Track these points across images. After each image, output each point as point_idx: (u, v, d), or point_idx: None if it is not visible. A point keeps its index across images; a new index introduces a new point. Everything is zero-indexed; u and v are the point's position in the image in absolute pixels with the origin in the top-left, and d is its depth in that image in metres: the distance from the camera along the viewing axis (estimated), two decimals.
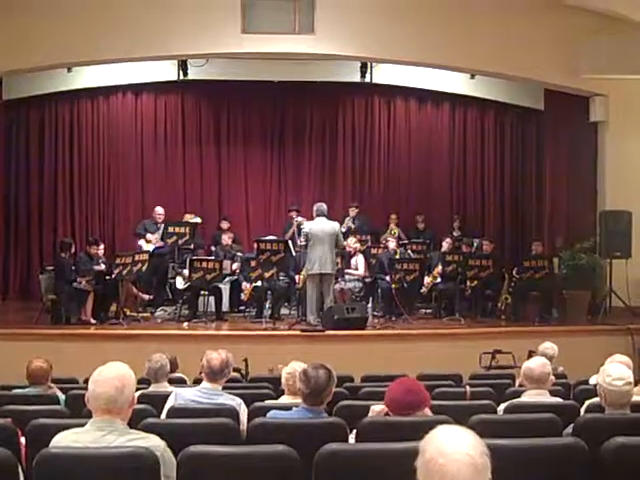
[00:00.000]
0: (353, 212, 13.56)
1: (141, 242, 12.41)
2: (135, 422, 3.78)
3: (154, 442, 3.43)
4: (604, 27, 11.91)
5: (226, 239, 12.47)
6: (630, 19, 11.53)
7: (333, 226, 10.71)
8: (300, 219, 12.55)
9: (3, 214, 13.49)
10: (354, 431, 4.27)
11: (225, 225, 13.27)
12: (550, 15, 12.02)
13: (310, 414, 4.30)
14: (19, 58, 11.41)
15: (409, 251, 12.67)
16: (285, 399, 5.21)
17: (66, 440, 3.41)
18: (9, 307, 12.87)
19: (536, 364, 5.08)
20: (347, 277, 11.90)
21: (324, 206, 10.97)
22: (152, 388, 5.80)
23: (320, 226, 10.65)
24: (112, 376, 3.40)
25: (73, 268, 11.11)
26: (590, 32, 11.92)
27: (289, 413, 4.41)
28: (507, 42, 11.99)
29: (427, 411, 4.21)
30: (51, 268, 11.69)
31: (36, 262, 13.60)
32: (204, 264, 11.20)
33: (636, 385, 4.79)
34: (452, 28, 11.87)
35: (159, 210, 12.80)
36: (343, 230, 12.64)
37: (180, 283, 11.75)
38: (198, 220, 12.94)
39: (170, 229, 12.02)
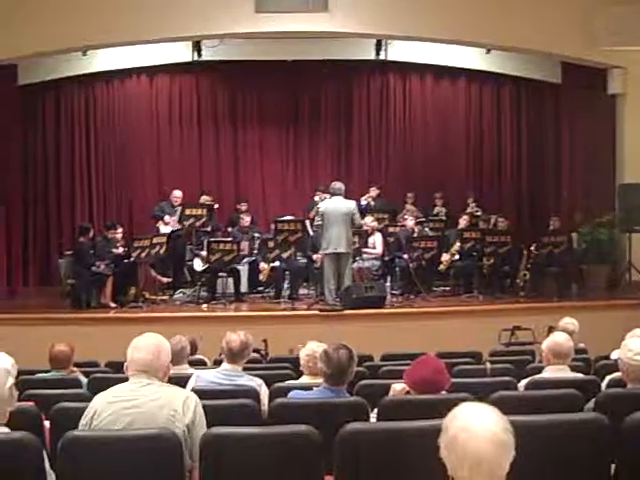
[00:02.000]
0: (374, 192, 13.51)
1: (159, 224, 12.43)
2: None
3: (189, 394, 3.68)
4: None
5: (245, 219, 12.50)
6: None
7: (348, 205, 10.62)
8: (317, 198, 12.51)
9: (21, 199, 13.55)
10: (375, 410, 4.28)
11: (244, 207, 13.30)
12: None
13: (332, 394, 4.31)
14: (33, 42, 11.41)
15: (427, 229, 12.63)
16: (305, 379, 5.22)
17: (106, 395, 3.59)
18: (29, 292, 12.97)
19: (563, 339, 5.06)
20: (365, 256, 11.88)
21: (339, 184, 10.85)
22: (172, 370, 5.77)
23: (335, 205, 10.58)
24: (149, 343, 3.67)
25: (92, 252, 11.19)
26: (607, 3, 11.75)
27: (311, 393, 4.42)
28: (522, 15, 11.84)
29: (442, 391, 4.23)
30: (70, 253, 11.76)
31: (55, 247, 13.67)
32: (222, 246, 11.23)
33: None
34: (466, 3, 11.75)
35: (177, 193, 12.81)
36: (363, 203, 12.66)
37: (198, 265, 11.78)
38: (210, 201, 12.94)
39: (187, 211, 12.05)
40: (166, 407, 3.50)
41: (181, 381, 5.11)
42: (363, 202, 13.00)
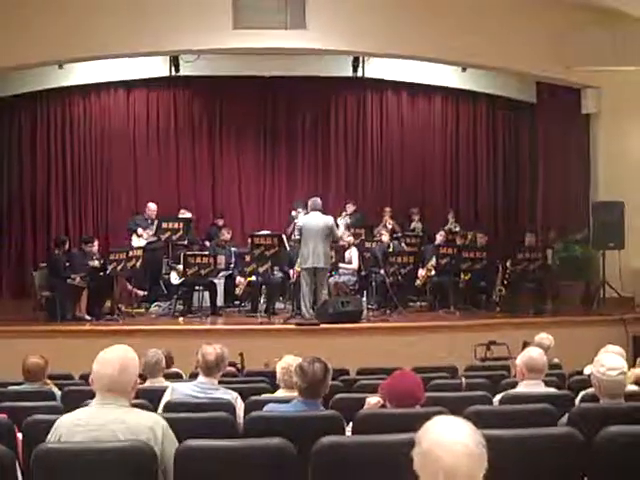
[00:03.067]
0: (350, 208, 13.56)
1: (132, 237, 12.40)
2: None
3: (156, 419, 3.50)
4: (596, 19, 11.92)
5: (225, 234, 12.52)
6: (621, 12, 11.55)
7: (326, 220, 10.68)
8: (294, 213, 12.54)
9: None
10: (350, 423, 4.29)
11: (221, 222, 13.32)
12: (541, 7, 12.01)
13: (306, 407, 4.32)
14: (10, 55, 11.35)
15: (403, 244, 12.69)
16: (281, 393, 5.21)
17: (71, 418, 3.45)
18: (3, 305, 12.84)
19: (538, 354, 5.09)
20: (341, 271, 11.90)
21: (318, 200, 10.96)
22: (148, 383, 5.80)
23: (314, 220, 10.65)
24: (115, 357, 3.48)
25: (67, 265, 11.11)
26: (582, 24, 11.92)
27: (286, 406, 4.42)
28: (498, 35, 11.98)
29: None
30: (45, 265, 11.68)
31: (30, 259, 13.57)
32: (198, 259, 11.20)
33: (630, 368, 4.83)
34: (443, 21, 11.86)
35: (152, 206, 12.81)
36: (341, 222, 12.70)
37: (175, 279, 11.74)
38: (189, 215, 12.90)
39: (164, 225, 12.02)
40: (131, 437, 3.36)
41: (157, 394, 5.10)
42: (340, 222, 12.99)
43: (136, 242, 12.21)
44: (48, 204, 14.00)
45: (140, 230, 12.41)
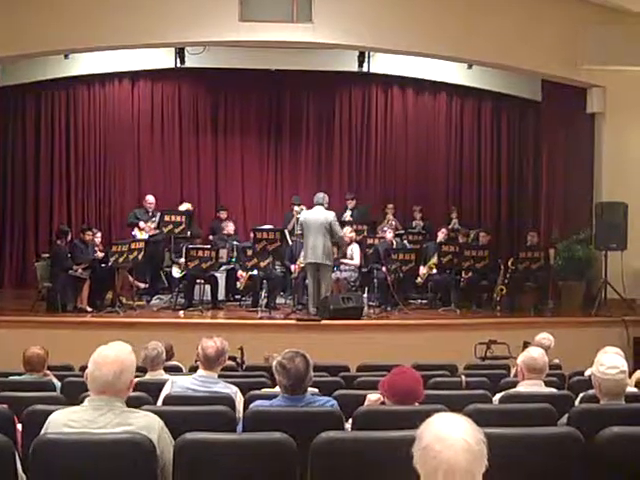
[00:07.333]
0: (351, 204, 13.54)
1: (135, 231, 12.37)
2: None
3: (152, 420, 3.44)
4: (602, 18, 11.90)
5: (229, 228, 12.52)
6: (629, 10, 11.52)
7: (327, 216, 10.69)
8: (297, 209, 12.54)
9: None
10: (350, 420, 4.28)
11: (223, 215, 13.30)
12: (548, 6, 11.99)
13: (291, 402, 4.26)
14: (15, 44, 11.34)
15: (405, 241, 12.67)
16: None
17: (62, 419, 3.40)
18: (5, 295, 12.86)
19: (538, 354, 5.08)
20: (343, 267, 11.89)
21: (320, 195, 10.99)
22: (148, 376, 5.79)
23: (314, 216, 10.67)
24: (111, 360, 3.40)
25: (69, 256, 11.11)
26: (588, 23, 11.89)
27: (270, 402, 4.34)
28: (505, 32, 11.96)
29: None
30: (47, 256, 11.69)
31: (32, 250, 13.58)
32: (200, 253, 11.19)
33: (630, 376, 4.82)
34: (450, 18, 11.83)
35: (150, 199, 12.76)
36: (345, 219, 12.69)
37: (176, 272, 11.75)
38: (189, 206, 12.84)
39: (166, 218, 12.00)
40: None
41: (156, 387, 5.10)
42: (345, 218, 12.96)
43: (139, 236, 12.18)
44: (51, 195, 14.00)
45: (142, 224, 12.38)
